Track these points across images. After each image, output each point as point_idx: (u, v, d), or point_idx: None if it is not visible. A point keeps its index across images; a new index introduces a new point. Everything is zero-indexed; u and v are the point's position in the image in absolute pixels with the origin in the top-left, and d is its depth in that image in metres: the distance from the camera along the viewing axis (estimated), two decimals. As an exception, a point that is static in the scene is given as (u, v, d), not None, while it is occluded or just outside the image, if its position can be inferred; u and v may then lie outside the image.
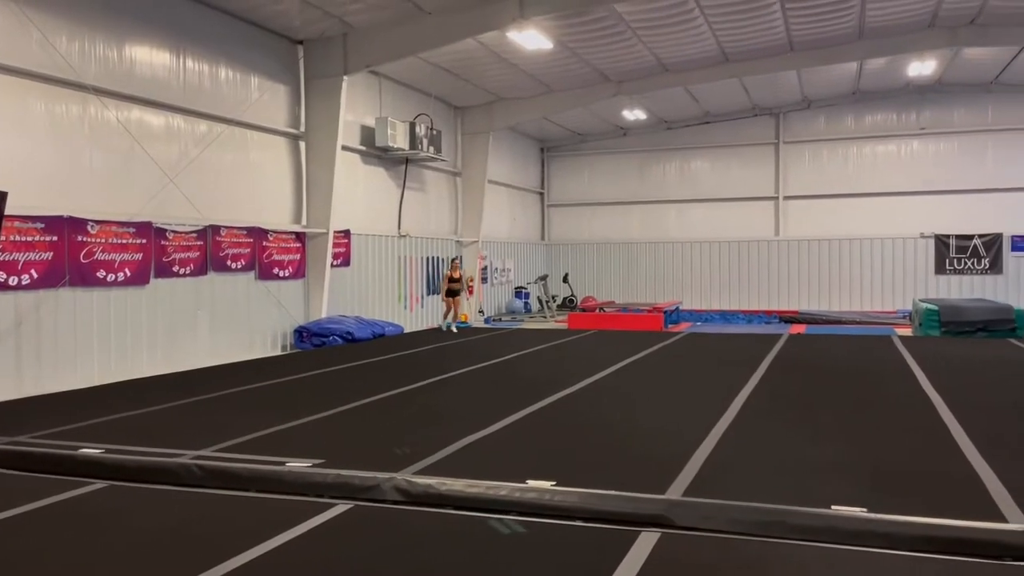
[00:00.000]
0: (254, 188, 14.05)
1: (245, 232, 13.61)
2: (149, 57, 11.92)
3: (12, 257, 9.72)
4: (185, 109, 12.48)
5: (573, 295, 25.69)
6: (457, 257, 19.48)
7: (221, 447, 6.59)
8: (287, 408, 8.37)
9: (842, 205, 23.82)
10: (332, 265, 15.49)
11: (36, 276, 10.03)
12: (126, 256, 11.32)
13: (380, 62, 15.51)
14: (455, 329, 17.71)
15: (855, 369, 11.27)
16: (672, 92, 21.05)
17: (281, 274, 14.53)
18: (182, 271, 12.35)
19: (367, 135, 17.10)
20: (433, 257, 20.12)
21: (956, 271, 22.75)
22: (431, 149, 18.38)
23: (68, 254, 10.43)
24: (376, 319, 16.64)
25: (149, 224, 11.73)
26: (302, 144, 15.17)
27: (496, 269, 23.75)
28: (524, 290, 24.87)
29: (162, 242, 11.96)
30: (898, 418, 7.78)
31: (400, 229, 18.53)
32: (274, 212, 14.61)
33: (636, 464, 6.03)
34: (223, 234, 13.13)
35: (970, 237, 22.58)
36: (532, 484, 5.28)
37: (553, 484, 5.28)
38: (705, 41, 17.25)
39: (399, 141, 17.31)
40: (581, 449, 6.63)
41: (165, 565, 4.36)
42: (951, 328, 16.28)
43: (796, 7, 15.66)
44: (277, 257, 14.42)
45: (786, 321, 21.53)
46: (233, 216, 13.48)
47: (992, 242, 22.43)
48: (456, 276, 17.84)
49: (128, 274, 11.37)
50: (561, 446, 6.74)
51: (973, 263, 22.61)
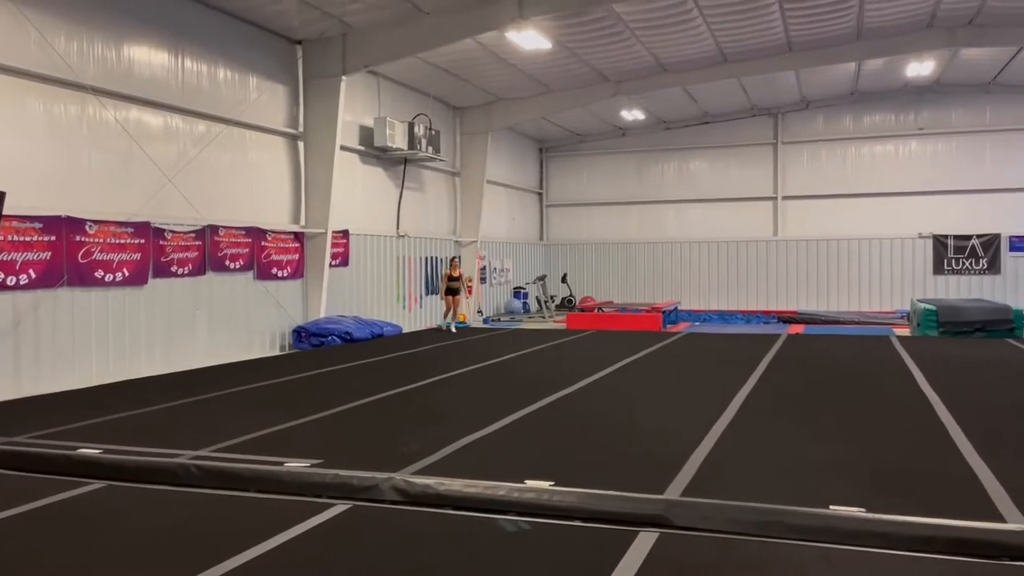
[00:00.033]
0: (253, 188, 14.05)
1: (243, 232, 13.60)
2: (147, 57, 11.91)
3: (10, 257, 9.71)
4: (184, 109, 12.47)
5: (572, 295, 25.69)
6: (456, 256, 19.48)
7: (219, 447, 6.59)
8: (285, 408, 8.37)
9: (840, 205, 23.83)
10: (331, 265, 15.49)
11: (34, 276, 10.02)
12: (124, 256, 11.32)
13: (379, 62, 15.52)
14: (454, 329, 17.71)
15: (853, 369, 11.28)
16: (671, 92, 21.06)
17: (279, 274, 14.52)
18: (180, 271, 12.34)
19: (366, 135, 17.10)
20: (432, 257, 20.11)
21: (954, 271, 22.77)
22: (430, 149, 18.37)
23: (66, 254, 10.42)
24: (375, 319, 16.64)
25: (147, 224, 11.73)
26: (301, 144, 15.17)
27: (495, 269, 23.75)
28: (523, 290, 24.86)
29: (160, 242, 11.95)
30: (896, 418, 7.78)
31: (399, 229, 18.53)
32: (272, 212, 14.61)
33: (635, 464, 6.03)
34: (221, 234, 13.12)
35: (968, 237, 22.60)
36: (530, 484, 5.28)
37: (552, 484, 5.28)
38: (703, 41, 17.26)
39: (398, 141, 17.31)
40: (580, 449, 6.63)
41: (163, 565, 4.36)
42: (949, 328, 16.29)
43: (794, 7, 15.67)
44: (275, 257, 14.42)
45: (784, 321, 21.53)
46: (231, 216, 13.47)
47: (990, 242, 22.46)
48: (456, 275, 17.84)
49: (126, 274, 11.36)
50: (560, 446, 6.75)
51: (971, 263, 22.64)
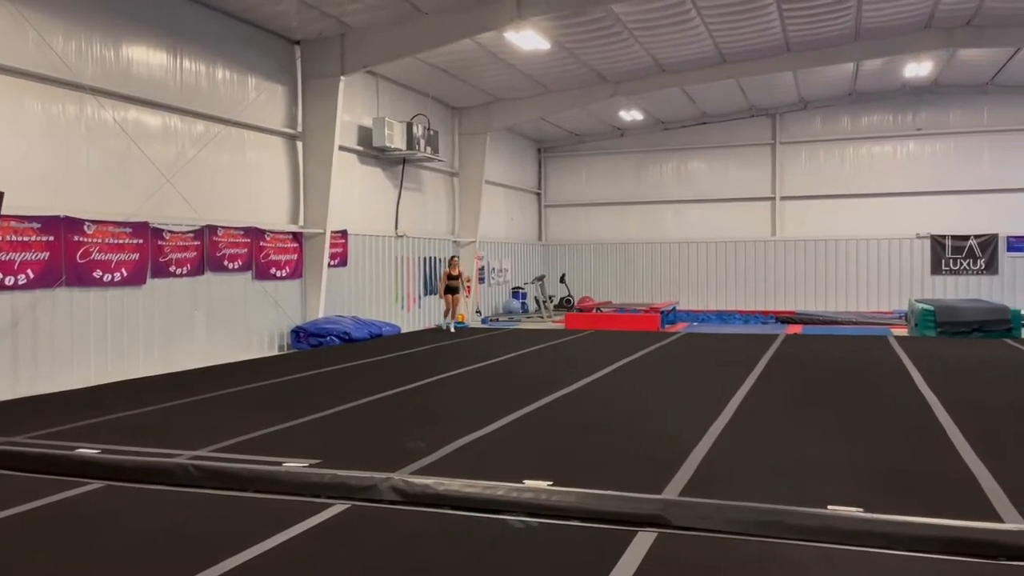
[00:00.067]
0: (251, 188, 14.04)
1: (242, 232, 13.60)
2: (146, 57, 11.90)
3: (8, 257, 9.70)
4: (182, 109, 12.46)
5: (570, 295, 25.70)
6: (456, 255, 19.47)
7: (218, 447, 6.58)
8: (284, 408, 8.36)
9: (838, 206, 23.86)
10: (329, 265, 15.48)
11: (32, 276, 10.01)
12: (123, 256, 11.31)
13: (377, 62, 15.52)
14: (452, 329, 17.70)
15: (851, 369, 11.29)
16: (669, 93, 21.07)
17: (278, 274, 14.52)
18: (179, 271, 12.33)
19: (364, 135, 17.09)
20: (430, 257, 20.11)
21: (952, 271, 22.80)
22: (428, 149, 18.37)
23: (64, 254, 10.41)
24: (373, 319, 16.64)
25: (146, 224, 11.72)
26: (299, 144, 15.16)
27: (493, 269, 23.75)
28: (521, 290, 24.88)
29: (159, 242, 11.94)
30: (894, 418, 7.79)
31: (397, 229, 18.53)
32: (271, 212, 14.60)
33: (633, 464, 6.03)
34: (220, 234, 13.12)
35: (966, 238, 22.63)
36: (529, 484, 5.28)
37: (550, 484, 5.28)
38: (702, 42, 17.27)
39: (396, 141, 17.31)
40: (578, 449, 6.63)
41: (161, 565, 4.35)
42: (947, 328, 16.30)
43: (793, 8, 15.69)
44: (274, 257, 14.41)
45: (783, 321, 21.53)
46: (230, 216, 13.47)
47: (988, 243, 22.49)
48: (455, 273, 17.83)
49: (125, 274, 11.35)
50: (558, 446, 6.75)
51: (969, 263, 22.67)
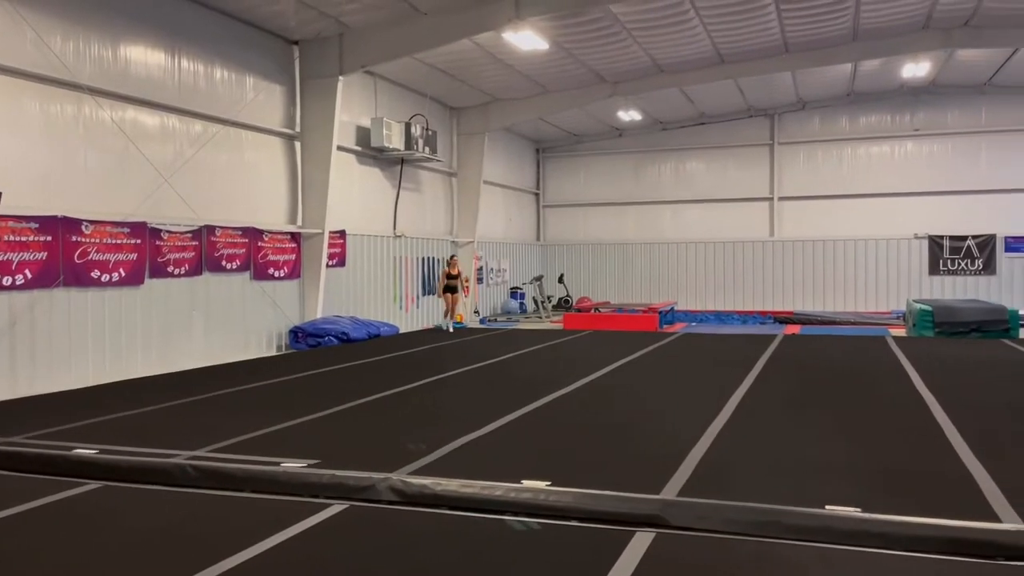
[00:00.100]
0: (249, 188, 14.03)
1: (240, 232, 13.59)
2: (144, 57, 11.89)
3: (6, 257, 9.69)
4: (180, 109, 12.45)
5: (568, 295, 25.70)
6: (455, 254, 19.46)
7: (215, 447, 6.58)
8: (282, 408, 8.36)
9: (837, 206, 23.89)
10: (327, 265, 15.47)
11: (30, 276, 10.00)
12: (121, 256, 11.30)
13: (376, 62, 15.51)
14: (451, 329, 17.70)
15: (850, 369, 11.30)
16: (667, 93, 21.09)
17: (276, 274, 14.51)
18: (177, 271, 12.32)
19: (363, 135, 17.09)
20: (429, 257, 20.11)
21: (950, 272, 22.82)
22: (427, 149, 18.36)
23: (62, 254, 10.40)
24: (371, 319, 16.63)
25: (144, 224, 11.70)
26: (297, 144, 15.15)
27: (492, 269, 23.75)
28: (520, 290, 24.87)
29: (157, 242, 11.93)
30: (892, 418, 7.80)
31: (396, 229, 18.53)
32: (269, 212, 14.59)
33: (631, 464, 6.03)
34: (218, 234, 13.11)
35: (964, 238, 22.66)
36: (527, 484, 5.28)
37: (548, 484, 5.28)
38: (700, 42, 17.28)
39: (395, 141, 17.30)
40: (576, 449, 6.63)
41: (159, 566, 4.35)
42: (945, 329, 16.32)
43: (791, 8, 15.70)
44: (272, 257, 14.40)
45: (781, 322, 21.55)
46: (228, 216, 13.46)
47: (986, 243, 22.52)
48: (454, 273, 17.83)
49: (123, 274, 11.34)
50: (556, 446, 6.75)
51: (967, 264, 22.70)
